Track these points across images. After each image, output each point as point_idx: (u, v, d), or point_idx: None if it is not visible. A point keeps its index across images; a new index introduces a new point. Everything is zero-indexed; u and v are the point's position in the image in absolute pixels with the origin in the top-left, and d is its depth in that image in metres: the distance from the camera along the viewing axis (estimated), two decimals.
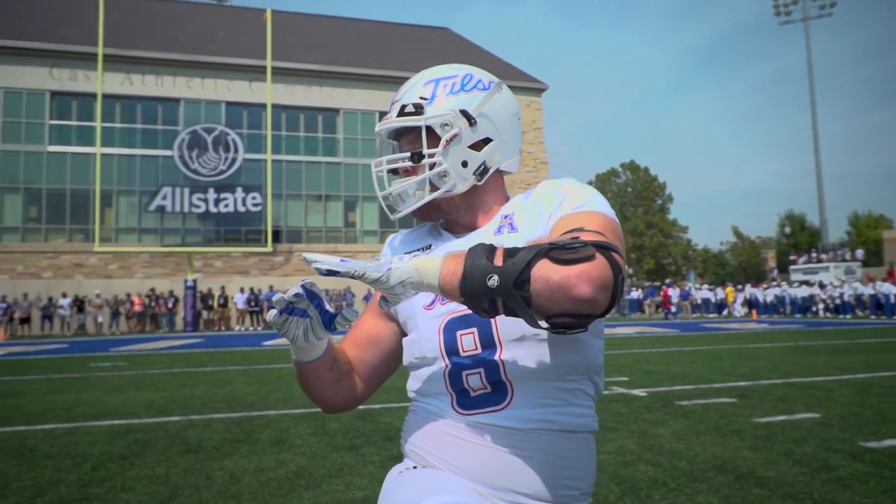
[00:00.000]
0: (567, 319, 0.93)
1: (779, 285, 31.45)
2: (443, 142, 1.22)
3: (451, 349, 1.17)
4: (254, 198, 27.00)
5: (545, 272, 0.90)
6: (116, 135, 26.87)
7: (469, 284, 0.94)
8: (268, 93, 25.40)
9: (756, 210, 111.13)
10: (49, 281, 25.11)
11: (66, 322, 23.92)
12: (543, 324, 0.96)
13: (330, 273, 1.02)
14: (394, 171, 1.30)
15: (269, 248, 25.46)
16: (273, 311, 1.12)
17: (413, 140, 1.26)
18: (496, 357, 1.14)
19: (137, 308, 24.60)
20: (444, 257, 0.99)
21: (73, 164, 26.16)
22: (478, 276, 0.93)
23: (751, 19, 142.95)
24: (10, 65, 25.70)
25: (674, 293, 29.64)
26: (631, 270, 47.39)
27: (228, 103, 28.44)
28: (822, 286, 29.62)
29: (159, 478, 3.75)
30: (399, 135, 1.31)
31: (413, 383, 1.26)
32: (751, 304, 30.31)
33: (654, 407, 5.84)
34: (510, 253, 0.94)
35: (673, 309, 28.79)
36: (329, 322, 1.15)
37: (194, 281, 24.49)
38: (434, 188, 1.24)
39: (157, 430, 5.18)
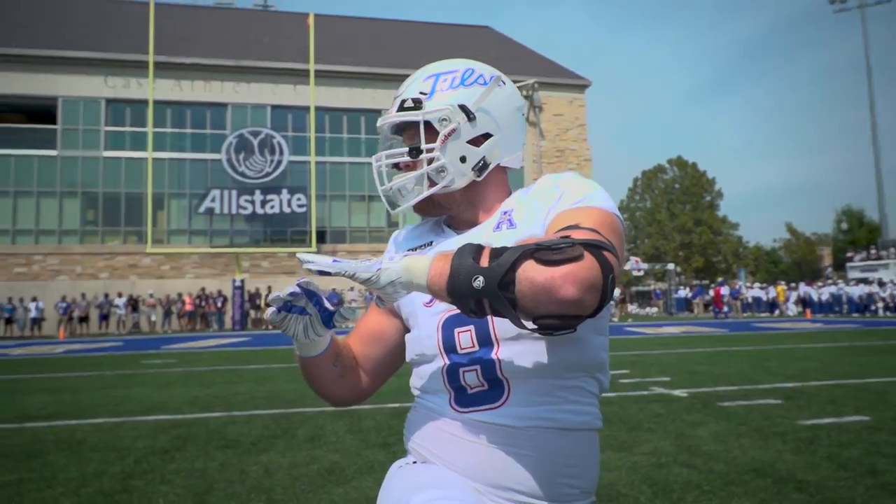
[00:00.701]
0: (553, 321, 0.92)
1: (835, 283, 30.29)
2: (440, 137, 1.21)
3: (449, 346, 1.17)
4: (299, 199, 27.50)
5: (530, 273, 0.89)
6: (167, 139, 27.75)
7: (455, 285, 0.93)
8: (311, 95, 25.82)
9: (811, 205, 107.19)
10: (106, 281, 26.10)
11: (121, 321, 24.84)
12: (530, 325, 0.95)
13: (322, 273, 1.03)
14: (396, 166, 1.30)
15: (313, 249, 25.88)
16: (271, 309, 1.14)
17: (413, 135, 1.26)
18: (493, 355, 1.13)
19: (188, 307, 25.37)
20: (433, 257, 0.99)
21: (128, 169, 27.13)
22: (463, 276, 0.92)
23: (804, 8, 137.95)
24: (68, 74, 26.82)
25: (725, 292, 28.86)
26: (679, 269, 46.34)
27: (274, 107, 29.04)
28: (881, 284, 28.40)
29: (197, 471, 3.87)
30: (401, 130, 1.31)
31: (415, 380, 1.27)
32: (805, 302, 29.27)
33: (695, 408, 5.70)
34: (496, 253, 0.93)
35: (725, 308, 28.03)
36: (328, 319, 1.18)
37: (242, 281, 25.11)
38: (432, 183, 1.23)
39: (200, 426, 5.34)
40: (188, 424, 5.41)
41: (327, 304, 1.18)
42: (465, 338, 1.16)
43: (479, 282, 0.91)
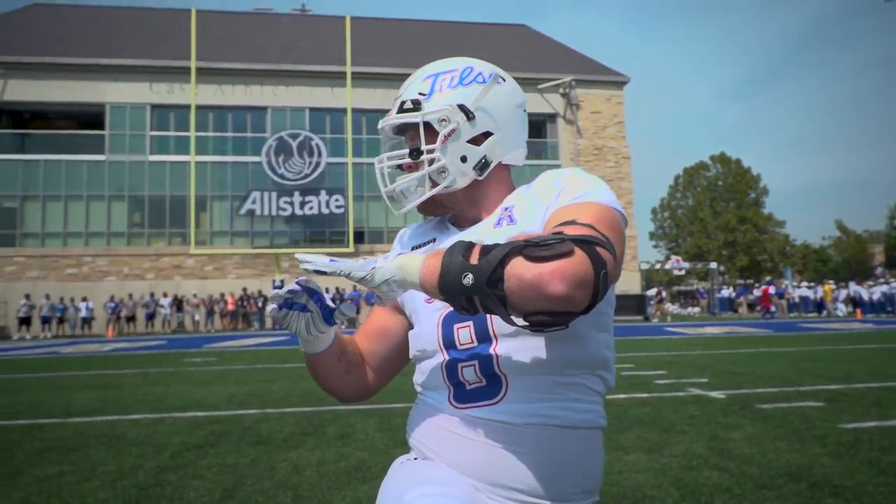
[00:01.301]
0: (543, 317, 0.92)
1: (887, 282, 29.16)
2: (440, 137, 1.22)
3: (449, 342, 1.18)
4: (337, 200, 27.83)
5: (518, 270, 0.89)
6: (210, 143, 28.41)
7: (446, 282, 0.94)
8: (348, 98, 26.10)
9: (862, 202, 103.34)
10: (151, 282, 26.86)
11: (166, 320, 25.54)
12: (521, 321, 0.95)
13: (318, 272, 1.05)
14: (400, 167, 1.31)
15: (351, 249, 26.18)
16: (272, 306, 1.17)
17: (414, 136, 1.26)
18: (491, 350, 1.13)
19: (230, 307, 25.93)
20: (426, 255, 1.00)
21: (172, 172, 27.87)
22: (453, 274, 0.93)
23: None
24: (115, 81, 27.71)
25: (773, 291, 28.10)
26: (722, 268, 45.27)
27: (312, 109, 29.43)
28: None
29: (228, 467, 3.95)
30: (403, 131, 1.32)
31: (417, 376, 1.28)
32: (855, 302, 28.26)
33: (732, 410, 5.56)
34: (486, 251, 0.93)
35: (773, 308, 27.28)
36: (329, 316, 1.20)
37: (282, 281, 25.53)
38: (434, 184, 1.24)
39: (234, 422, 5.45)
40: (223, 421, 5.54)
41: (328, 302, 1.20)
42: (464, 334, 1.16)
43: (468, 279, 0.92)
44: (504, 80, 1.30)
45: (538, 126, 31.40)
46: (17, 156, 27.16)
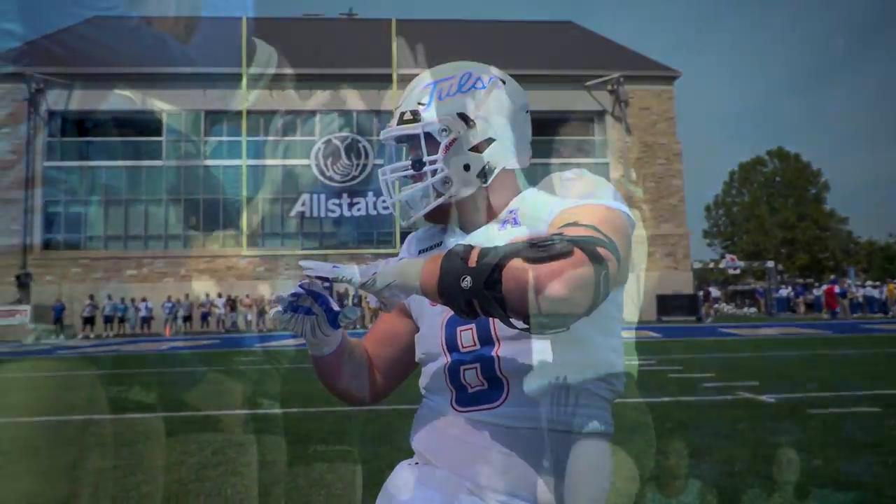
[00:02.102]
0: (542, 319, 0.91)
1: None
2: (441, 148, 1.21)
3: (452, 345, 1.18)
4: (384, 201, 28.06)
5: (516, 272, 0.89)
6: (261, 147, 29.11)
7: (445, 286, 0.94)
8: (393, 99, 26.28)
9: None
10: (206, 282, 27.71)
11: (220, 320, 26.32)
12: (520, 324, 0.94)
13: (320, 278, 1.07)
14: (405, 176, 1.32)
15: (397, 250, 26.36)
16: (276, 309, 1.19)
17: (416, 146, 1.27)
18: (493, 353, 1.13)
19: None
20: (426, 259, 1.00)
21: (225, 176, 28.69)
22: (452, 277, 0.93)
23: None
24: (171, 89, 28.68)
25: (837, 290, 26.99)
26: (781, 267, 43.71)
27: (359, 112, 29.81)
28: None
29: (266, 464, 4.05)
30: (405, 140, 1.33)
31: (422, 379, 1.28)
32: None
33: (781, 414, 5.38)
34: (484, 253, 0.93)
35: (838, 308, 26.19)
36: (334, 319, 1.21)
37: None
38: (438, 194, 1.24)
39: (276, 421, 5.58)
40: (267, 419, 5.67)
41: (333, 305, 1.22)
42: (467, 336, 1.16)
43: (466, 282, 0.91)
44: (504, 83, 1.29)
45: (585, 124, 30.97)
46: (81, 163, 28.45)
